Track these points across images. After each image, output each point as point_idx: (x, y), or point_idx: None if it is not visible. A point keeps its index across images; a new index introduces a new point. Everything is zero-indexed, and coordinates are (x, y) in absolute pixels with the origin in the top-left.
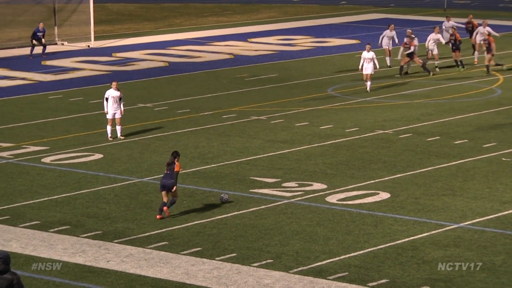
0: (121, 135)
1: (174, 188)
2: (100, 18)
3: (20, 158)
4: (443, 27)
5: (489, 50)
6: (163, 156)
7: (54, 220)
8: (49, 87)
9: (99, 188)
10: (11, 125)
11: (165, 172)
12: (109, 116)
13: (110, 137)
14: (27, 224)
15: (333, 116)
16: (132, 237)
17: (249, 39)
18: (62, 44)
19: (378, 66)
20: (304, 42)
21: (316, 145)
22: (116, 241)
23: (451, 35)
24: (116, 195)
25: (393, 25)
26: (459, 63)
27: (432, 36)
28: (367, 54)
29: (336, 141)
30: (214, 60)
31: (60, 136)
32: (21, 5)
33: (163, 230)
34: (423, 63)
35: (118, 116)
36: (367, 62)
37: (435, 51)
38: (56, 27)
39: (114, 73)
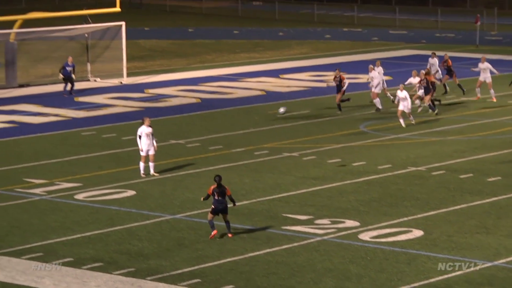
0: (154, 172)
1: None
2: (132, 54)
3: (53, 195)
4: (429, 64)
5: (428, 90)
6: (195, 192)
7: (87, 257)
8: (81, 124)
9: (131, 224)
10: (44, 162)
11: (215, 198)
12: (143, 153)
13: (143, 173)
14: (60, 261)
15: (365, 153)
16: (164, 274)
17: (280, 75)
18: (95, 81)
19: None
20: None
21: (349, 182)
22: (148, 278)
23: (422, 80)
24: (148, 231)
25: (379, 61)
26: (421, 104)
27: (411, 80)
28: (400, 93)
29: (369, 178)
30: (246, 96)
31: (93, 173)
32: (55, 41)
33: (196, 267)
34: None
35: (151, 152)
36: (402, 101)
37: (420, 93)
38: (88, 64)
39: (147, 109)
